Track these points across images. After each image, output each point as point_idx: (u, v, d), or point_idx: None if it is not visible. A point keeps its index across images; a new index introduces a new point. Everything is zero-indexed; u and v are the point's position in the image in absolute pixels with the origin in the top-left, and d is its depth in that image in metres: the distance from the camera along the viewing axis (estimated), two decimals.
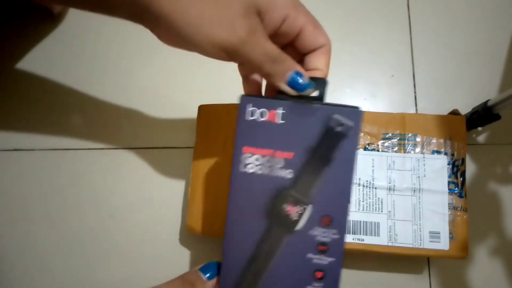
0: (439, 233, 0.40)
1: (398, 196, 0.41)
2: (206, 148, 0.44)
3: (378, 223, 0.41)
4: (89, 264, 0.48)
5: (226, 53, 0.26)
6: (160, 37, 0.27)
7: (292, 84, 0.28)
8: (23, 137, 0.51)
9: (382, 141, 0.43)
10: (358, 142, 0.28)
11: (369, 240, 0.40)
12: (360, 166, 0.42)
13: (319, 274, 0.29)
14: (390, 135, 0.43)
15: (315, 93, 0.29)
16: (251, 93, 0.32)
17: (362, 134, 0.43)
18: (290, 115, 0.29)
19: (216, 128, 0.45)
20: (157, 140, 0.51)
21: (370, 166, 0.42)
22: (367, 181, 0.42)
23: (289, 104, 0.29)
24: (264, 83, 0.33)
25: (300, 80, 0.28)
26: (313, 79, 0.29)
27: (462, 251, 0.40)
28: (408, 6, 0.54)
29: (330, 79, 0.30)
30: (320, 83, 0.29)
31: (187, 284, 0.31)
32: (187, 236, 0.47)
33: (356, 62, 0.52)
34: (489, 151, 0.48)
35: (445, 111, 0.46)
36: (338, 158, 0.28)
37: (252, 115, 0.29)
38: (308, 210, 0.29)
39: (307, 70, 0.30)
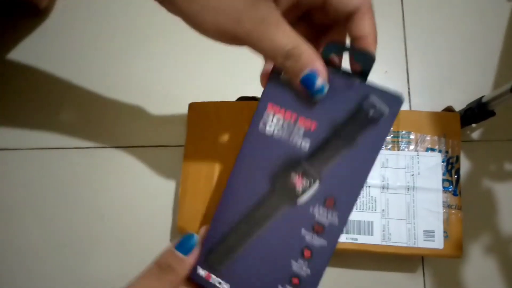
0: (433, 231, 0.40)
1: (392, 195, 0.41)
2: (196, 147, 0.43)
3: (372, 222, 0.40)
4: (79, 264, 0.47)
5: (234, 41, 0.24)
6: (168, 10, 0.25)
7: (306, 85, 0.25)
8: (8, 136, 0.50)
9: None
10: (389, 131, 0.26)
11: (363, 239, 0.40)
12: None
13: (307, 253, 0.27)
14: None
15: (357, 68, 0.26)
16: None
17: None
18: None
19: (207, 127, 0.44)
20: (147, 139, 0.49)
21: None
22: None
23: (328, 71, 0.26)
24: None
25: (315, 83, 0.25)
26: (358, 53, 0.26)
27: (457, 250, 0.39)
28: (402, 1, 0.53)
29: None
30: (366, 59, 0.26)
31: (165, 269, 0.28)
32: (178, 236, 0.47)
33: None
34: (484, 147, 0.48)
35: (439, 107, 0.46)
36: (362, 143, 0.26)
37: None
38: (315, 186, 0.27)
39: (352, 39, 0.26)
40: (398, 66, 0.51)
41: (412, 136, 0.42)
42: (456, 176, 0.41)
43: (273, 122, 0.27)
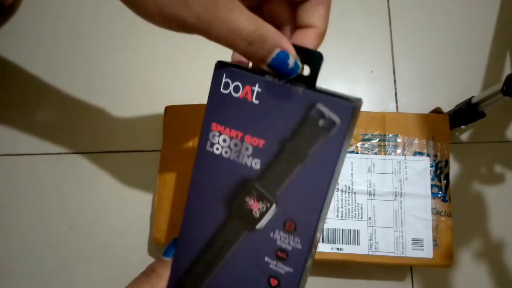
0: (422, 240, 0.38)
1: (379, 201, 0.39)
2: (173, 152, 0.41)
3: (358, 231, 0.38)
4: (48, 279, 0.44)
5: (183, 29, 0.21)
6: None
7: (276, 68, 0.22)
8: None
9: (361, 142, 0.40)
10: (343, 144, 0.23)
11: (349, 249, 0.38)
12: None
13: (273, 282, 0.25)
14: (370, 136, 0.40)
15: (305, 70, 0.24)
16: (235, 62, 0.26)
17: None
18: (267, 95, 0.24)
19: (185, 131, 0.41)
20: (121, 143, 0.47)
21: (349, 170, 0.39)
22: (345, 185, 0.39)
23: (267, 82, 0.23)
24: None
25: (287, 64, 0.22)
26: (304, 51, 0.23)
27: (447, 259, 0.37)
28: None
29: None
30: (314, 57, 0.23)
31: (148, 273, 0.28)
32: (156, 246, 0.44)
33: (334, 57, 0.49)
34: (473, 150, 0.46)
35: (427, 107, 0.44)
36: (316, 158, 0.23)
37: (226, 88, 0.25)
38: (272, 209, 0.25)
39: (298, 27, 0.23)
40: (384, 65, 0.49)
41: (399, 140, 0.40)
42: (445, 181, 0.39)
43: (220, 143, 0.26)
